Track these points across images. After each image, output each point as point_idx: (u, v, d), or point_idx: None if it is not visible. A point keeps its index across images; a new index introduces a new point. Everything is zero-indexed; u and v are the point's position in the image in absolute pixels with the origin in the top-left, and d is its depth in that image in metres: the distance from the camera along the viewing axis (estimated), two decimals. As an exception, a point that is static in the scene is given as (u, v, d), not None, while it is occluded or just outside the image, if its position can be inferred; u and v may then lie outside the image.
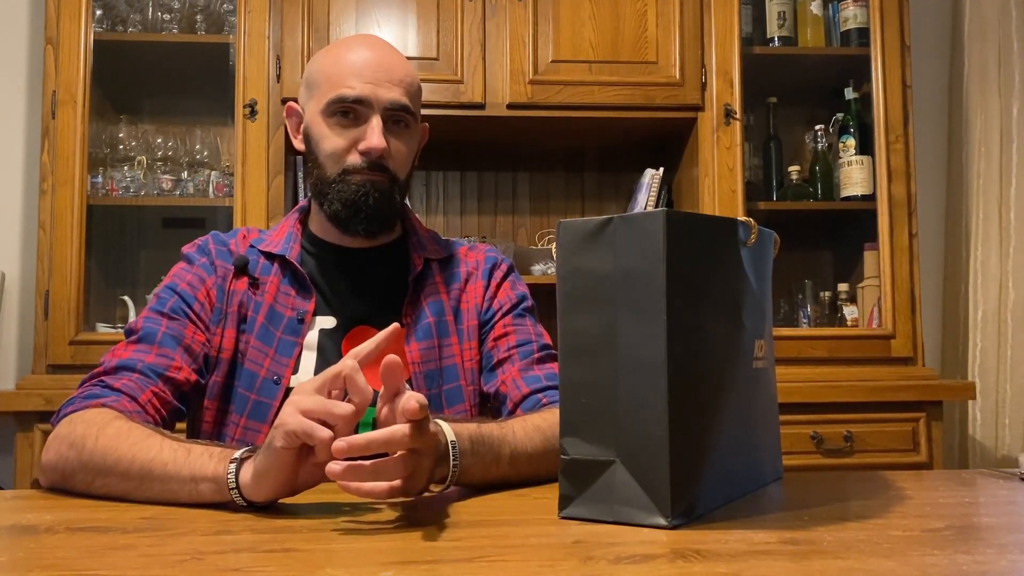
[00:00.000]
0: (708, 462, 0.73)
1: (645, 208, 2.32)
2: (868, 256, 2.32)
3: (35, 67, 2.39)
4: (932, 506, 0.81)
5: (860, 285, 2.35)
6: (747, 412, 0.81)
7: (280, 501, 0.81)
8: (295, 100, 1.23)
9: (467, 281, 1.24)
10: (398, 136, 1.16)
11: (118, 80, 2.32)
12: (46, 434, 1.95)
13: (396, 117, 1.15)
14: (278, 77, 2.14)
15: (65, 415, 0.99)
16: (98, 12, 2.18)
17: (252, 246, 1.20)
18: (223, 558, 0.61)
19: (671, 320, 0.68)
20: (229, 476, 0.80)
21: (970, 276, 2.52)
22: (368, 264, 1.21)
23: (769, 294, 0.90)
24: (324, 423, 0.75)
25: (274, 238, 1.22)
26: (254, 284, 1.17)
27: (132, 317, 2.25)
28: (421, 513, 0.78)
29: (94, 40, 2.13)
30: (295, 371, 1.13)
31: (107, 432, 0.90)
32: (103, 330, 2.19)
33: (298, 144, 1.22)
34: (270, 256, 1.19)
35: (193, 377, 1.10)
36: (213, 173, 2.28)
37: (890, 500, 0.82)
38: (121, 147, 2.28)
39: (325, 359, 1.13)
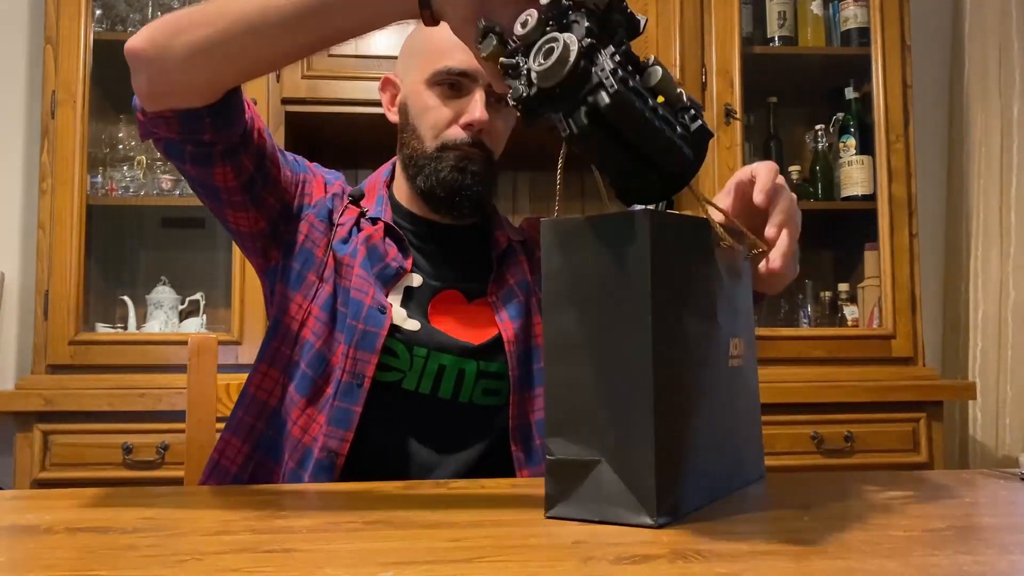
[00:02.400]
0: (692, 461, 0.73)
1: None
2: (868, 256, 2.32)
3: (35, 67, 2.39)
4: (933, 506, 0.81)
5: (860, 285, 2.35)
6: (727, 411, 0.82)
7: (280, 500, 0.81)
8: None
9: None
10: (499, 113, 1.15)
11: (118, 80, 2.30)
12: (46, 434, 1.96)
13: (497, 94, 1.12)
14: (278, 77, 2.14)
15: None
16: (98, 12, 2.18)
17: (351, 198, 1.19)
18: (223, 558, 0.61)
19: (656, 320, 0.68)
20: None
21: (970, 276, 2.52)
22: (453, 237, 1.20)
23: (748, 292, 0.91)
24: None
25: (366, 202, 1.19)
26: (360, 220, 1.15)
27: (132, 317, 2.25)
28: (421, 513, 0.78)
29: (94, 40, 2.13)
30: None
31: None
32: (103, 330, 2.19)
33: (392, 116, 1.21)
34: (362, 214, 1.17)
35: (276, 172, 1.09)
36: (213, 173, 2.28)
37: (890, 500, 0.82)
38: (121, 147, 2.28)
39: (413, 310, 1.12)
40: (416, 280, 1.14)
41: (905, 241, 2.24)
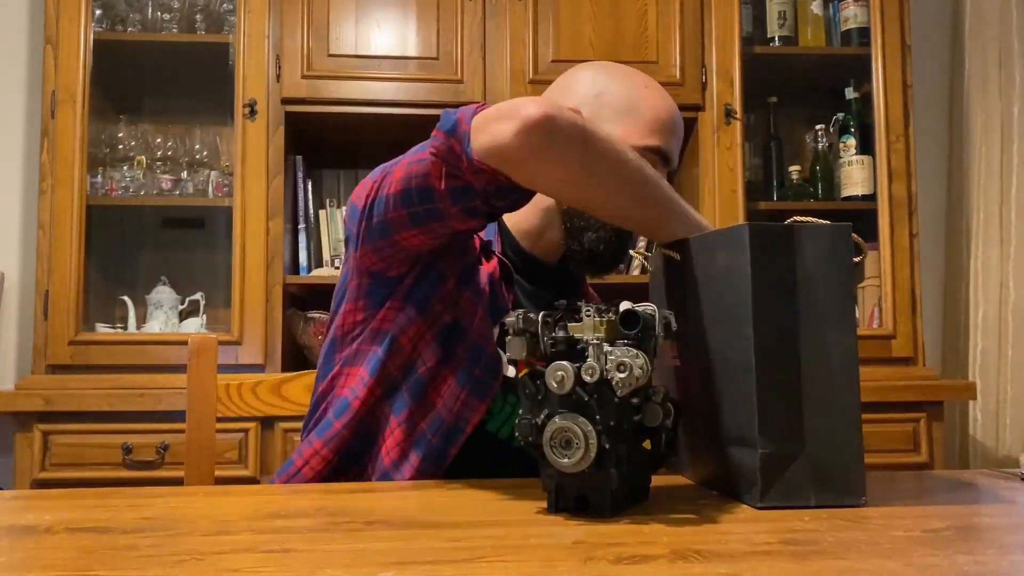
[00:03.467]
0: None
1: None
2: (868, 256, 2.32)
3: (34, 67, 2.39)
4: (933, 506, 0.81)
5: (860, 285, 2.35)
6: None
7: (280, 500, 0.81)
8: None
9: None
10: None
11: (117, 80, 2.32)
12: (46, 434, 1.96)
13: (669, 170, 1.15)
14: (278, 77, 2.14)
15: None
16: (98, 12, 2.18)
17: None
18: (223, 558, 0.61)
19: (853, 319, 0.79)
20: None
21: (971, 276, 2.52)
22: (549, 278, 1.18)
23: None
24: None
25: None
26: (487, 252, 1.11)
27: (132, 317, 2.25)
28: (421, 513, 0.78)
29: (94, 40, 2.13)
30: None
31: (595, 137, 0.88)
32: (102, 330, 2.19)
33: None
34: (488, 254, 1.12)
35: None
36: (212, 173, 2.28)
37: (890, 500, 0.82)
38: (120, 147, 2.28)
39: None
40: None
41: (905, 241, 2.24)
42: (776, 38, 2.34)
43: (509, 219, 1.16)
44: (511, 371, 1.08)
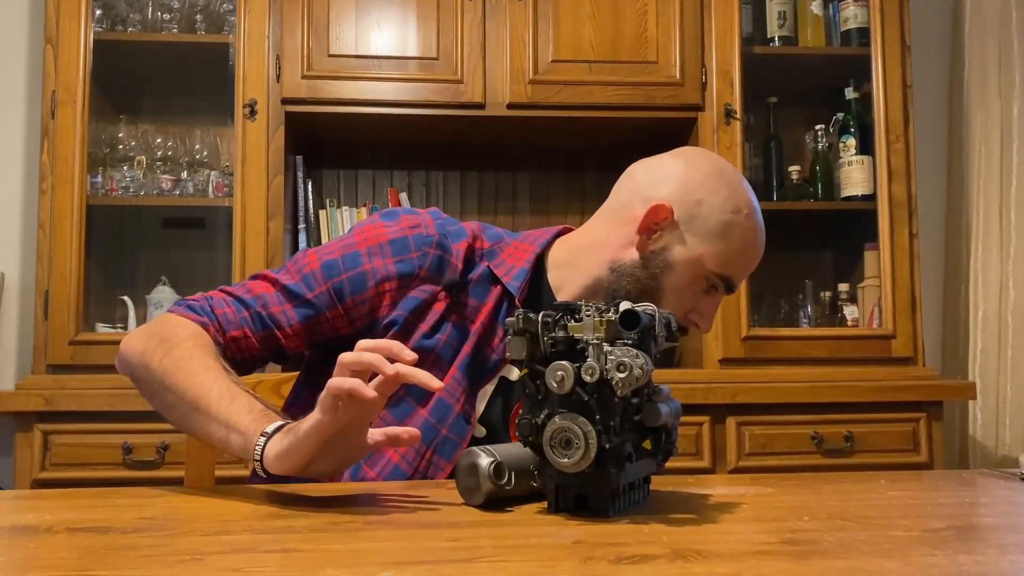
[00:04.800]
0: None
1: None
2: (868, 256, 2.32)
3: (35, 67, 2.39)
4: (932, 506, 0.81)
5: (860, 285, 2.35)
6: None
7: (280, 500, 0.81)
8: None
9: None
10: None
11: (118, 80, 2.32)
12: (46, 434, 1.96)
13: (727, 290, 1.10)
14: (278, 77, 2.14)
15: (169, 311, 1.03)
16: (98, 12, 2.18)
17: (484, 258, 1.08)
18: (223, 558, 0.61)
19: None
20: (256, 447, 0.82)
21: (970, 276, 2.52)
22: None
23: None
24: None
25: (509, 260, 1.08)
26: (457, 305, 1.05)
27: (132, 317, 2.25)
28: (421, 513, 0.78)
29: (94, 40, 2.13)
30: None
31: (173, 353, 0.95)
32: (103, 330, 2.19)
33: (640, 243, 1.06)
34: (495, 278, 1.07)
35: (300, 349, 1.06)
36: (213, 173, 2.28)
37: (890, 500, 0.82)
38: (121, 147, 2.28)
39: (496, 407, 1.04)
40: (515, 373, 1.05)
41: (905, 241, 2.24)
42: (776, 38, 2.34)
43: (554, 271, 1.10)
44: (479, 430, 1.04)
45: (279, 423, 0.83)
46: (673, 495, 0.85)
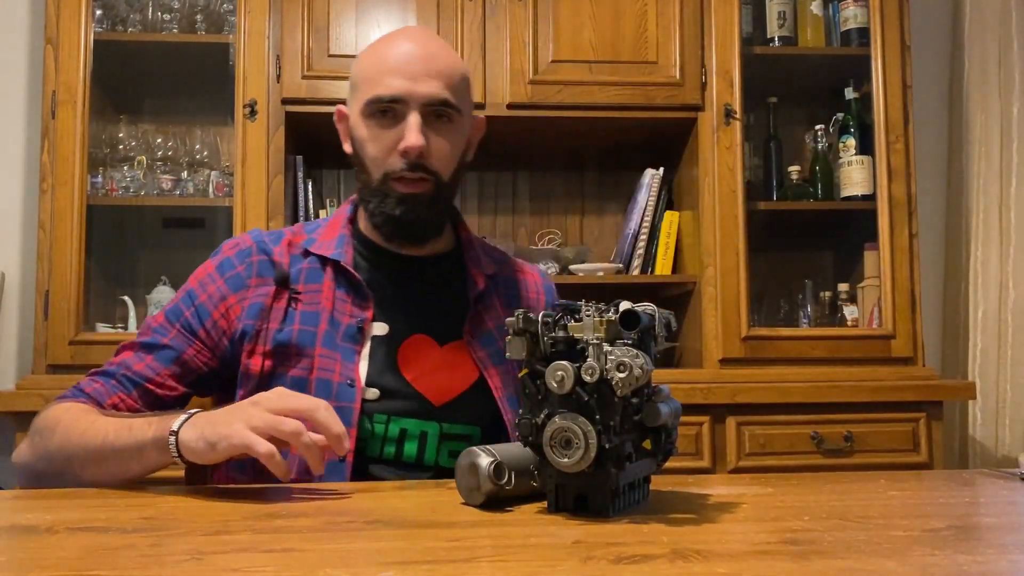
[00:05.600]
0: None
1: (645, 208, 2.32)
2: (868, 256, 2.32)
3: (35, 67, 2.39)
4: (932, 506, 0.81)
5: (860, 285, 2.35)
6: None
7: (280, 500, 0.81)
8: (343, 103, 1.19)
9: (532, 305, 1.23)
10: (440, 132, 1.11)
11: (118, 80, 2.32)
12: (46, 434, 1.96)
13: (437, 112, 1.10)
14: (278, 77, 2.14)
15: (39, 415, 1.06)
16: (98, 12, 2.18)
17: (305, 249, 1.16)
18: (223, 558, 0.61)
19: None
20: (170, 443, 0.90)
21: (970, 276, 2.52)
22: (423, 271, 1.18)
23: None
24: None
25: (324, 238, 1.17)
26: (296, 296, 1.12)
27: (132, 317, 2.25)
28: (421, 513, 0.78)
29: (94, 40, 2.12)
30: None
31: (59, 429, 0.99)
32: (103, 330, 2.19)
33: (348, 148, 1.18)
34: (323, 259, 1.14)
35: (177, 391, 1.09)
36: (213, 173, 2.28)
37: (890, 500, 0.82)
38: (121, 147, 2.28)
39: (379, 367, 1.10)
40: (382, 328, 1.12)
41: (905, 241, 2.24)
42: (776, 38, 2.34)
43: (360, 224, 1.20)
44: (371, 392, 1.08)
45: (183, 417, 0.91)
46: (673, 495, 0.85)
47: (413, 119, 1.08)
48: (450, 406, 1.11)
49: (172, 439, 0.90)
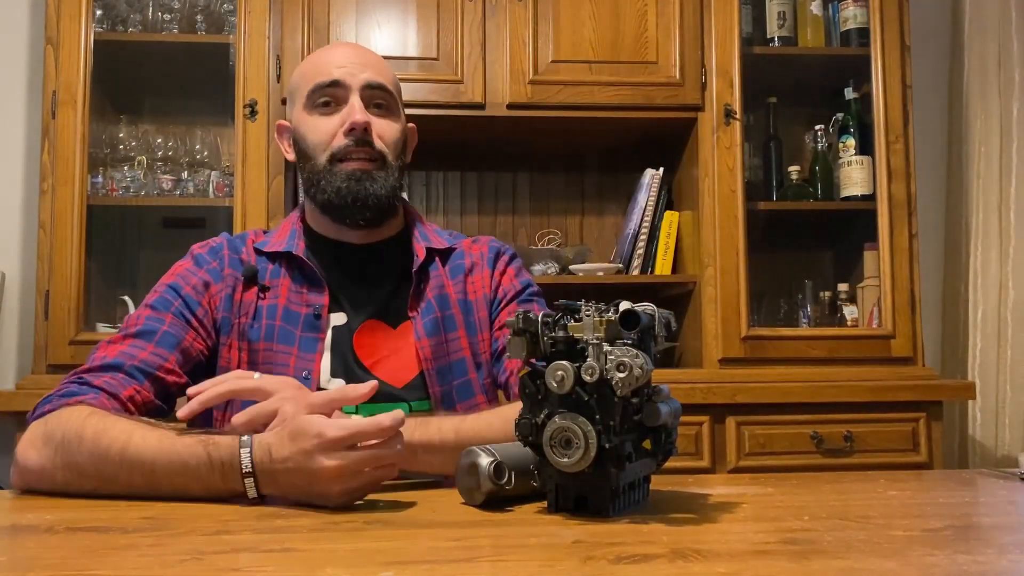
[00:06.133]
0: None
1: (645, 208, 2.32)
2: (868, 256, 2.32)
3: (35, 67, 2.39)
4: (932, 506, 0.81)
5: (860, 285, 2.35)
6: None
7: (281, 500, 0.81)
8: (281, 121, 1.26)
9: (472, 271, 1.24)
10: (382, 118, 1.18)
11: (118, 80, 2.32)
12: (46, 434, 1.96)
13: (376, 100, 1.17)
14: (278, 77, 2.14)
15: (41, 414, 1.00)
16: (98, 12, 2.18)
17: (257, 249, 1.20)
18: (223, 558, 0.61)
19: None
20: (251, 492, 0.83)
21: (970, 276, 2.52)
22: (371, 257, 1.21)
23: None
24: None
25: (277, 238, 1.22)
26: (263, 291, 1.16)
27: (132, 317, 2.25)
28: (421, 513, 0.78)
29: (94, 40, 2.12)
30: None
31: (84, 445, 0.90)
32: (103, 330, 2.19)
33: (290, 155, 1.23)
34: (274, 256, 1.19)
35: (183, 380, 1.09)
36: (213, 173, 2.28)
37: (890, 500, 0.82)
38: (121, 147, 2.28)
39: (340, 357, 1.13)
40: (340, 318, 1.16)
41: (905, 241, 2.24)
42: (776, 38, 2.34)
43: (309, 220, 1.24)
44: (335, 383, 1.11)
45: (247, 438, 0.86)
46: (673, 495, 0.85)
47: (355, 100, 1.15)
48: (411, 386, 1.13)
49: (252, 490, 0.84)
